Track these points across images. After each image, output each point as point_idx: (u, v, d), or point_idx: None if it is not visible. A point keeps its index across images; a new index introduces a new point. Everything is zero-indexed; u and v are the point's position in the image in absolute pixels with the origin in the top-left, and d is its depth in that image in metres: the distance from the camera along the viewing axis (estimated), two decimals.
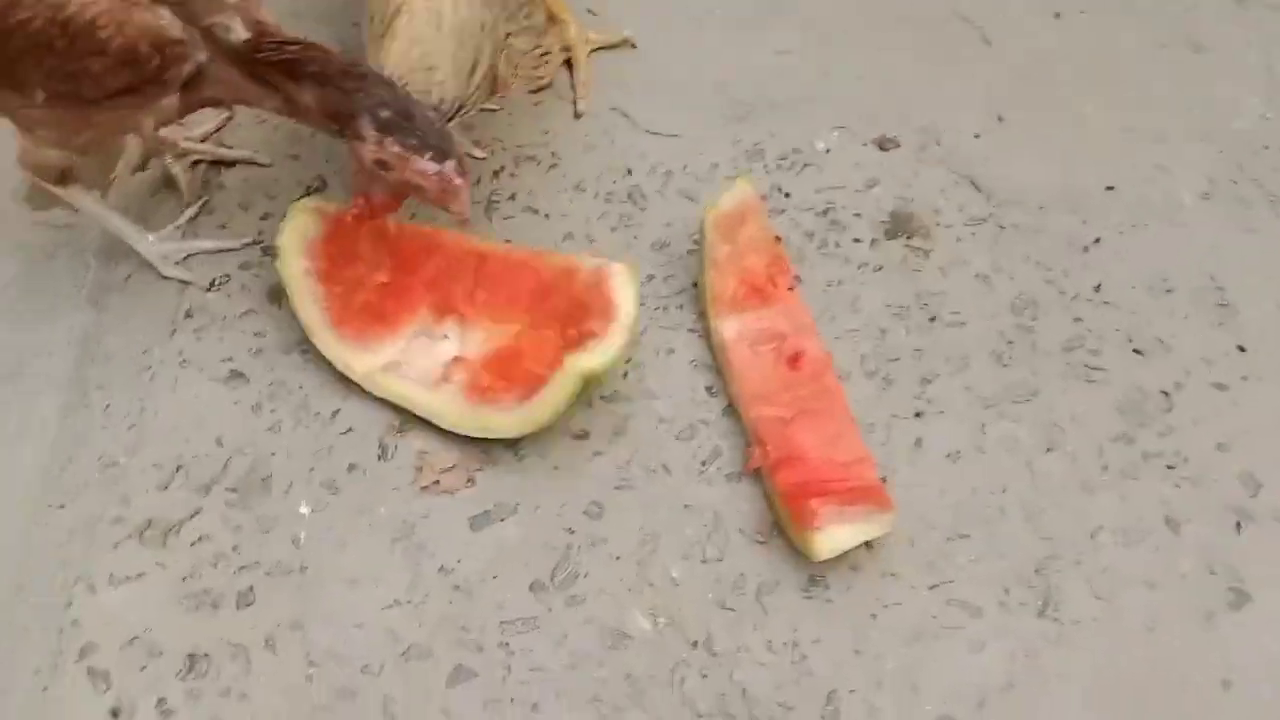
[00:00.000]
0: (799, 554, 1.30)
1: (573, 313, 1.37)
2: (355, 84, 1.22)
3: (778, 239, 1.48)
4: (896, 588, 1.30)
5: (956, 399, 1.44)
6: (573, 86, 1.71)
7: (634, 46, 1.77)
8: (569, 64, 1.75)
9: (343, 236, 1.41)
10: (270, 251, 1.39)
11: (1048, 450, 1.39)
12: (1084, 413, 1.42)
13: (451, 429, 1.37)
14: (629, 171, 1.65)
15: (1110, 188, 1.65)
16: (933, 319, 1.51)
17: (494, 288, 1.41)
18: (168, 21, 1.18)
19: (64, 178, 1.42)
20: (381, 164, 1.24)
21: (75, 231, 1.62)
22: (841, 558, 1.28)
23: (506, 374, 1.37)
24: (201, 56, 1.22)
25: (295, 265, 1.39)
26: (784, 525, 1.31)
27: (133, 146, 1.65)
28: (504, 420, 1.34)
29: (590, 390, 1.34)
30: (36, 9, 1.14)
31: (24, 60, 1.17)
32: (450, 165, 1.22)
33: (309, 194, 1.40)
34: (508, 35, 1.33)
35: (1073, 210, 1.63)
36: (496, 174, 1.65)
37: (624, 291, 1.35)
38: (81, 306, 1.54)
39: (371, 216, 1.34)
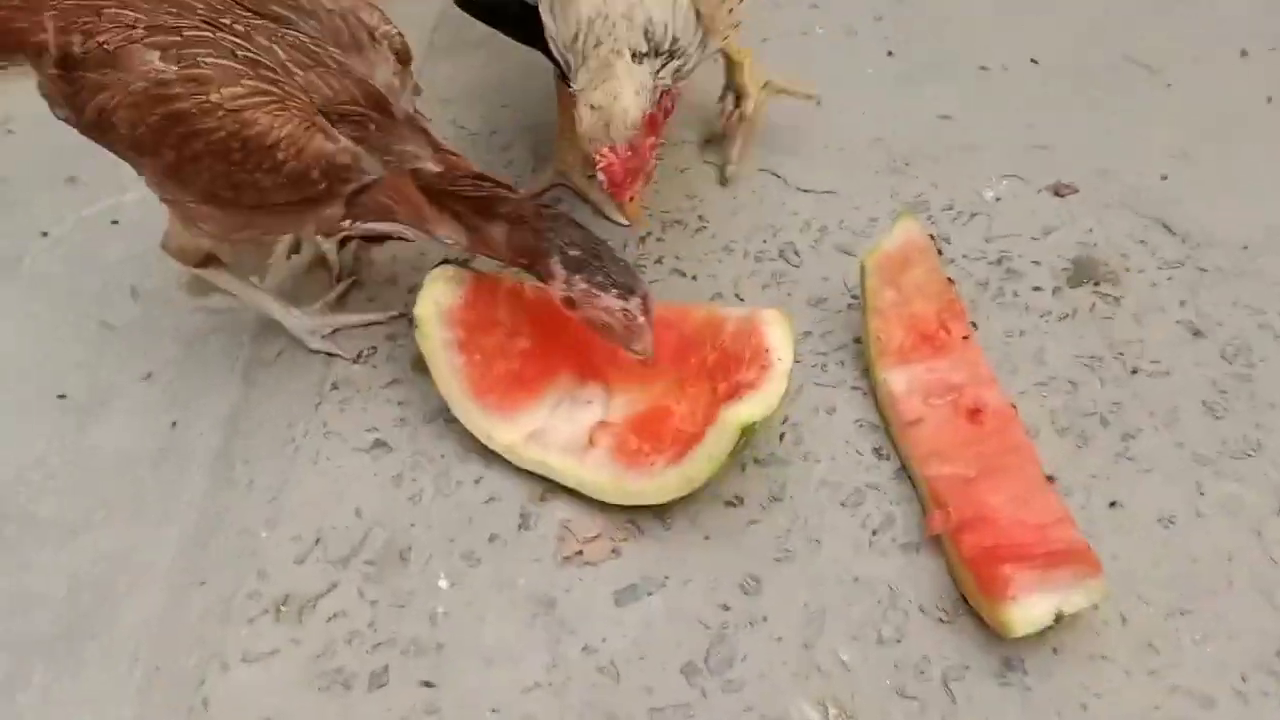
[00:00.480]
0: (991, 633, 1.13)
1: (723, 365, 1.28)
2: (548, 224, 1.22)
3: (950, 281, 1.35)
4: (1109, 673, 1.11)
5: (1166, 456, 1.26)
6: (729, 147, 1.60)
7: (818, 103, 1.64)
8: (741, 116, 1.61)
9: (482, 303, 1.36)
10: (411, 321, 1.36)
11: (1278, 511, 1.19)
12: None
13: (600, 498, 1.28)
14: (780, 230, 1.56)
15: None
16: (1132, 370, 1.35)
17: None
18: (341, 148, 1.18)
19: (206, 261, 1.43)
20: (569, 302, 1.23)
21: (232, 315, 1.63)
22: (1041, 638, 1.11)
23: (656, 436, 1.28)
24: (370, 176, 1.21)
25: (434, 335, 1.34)
26: (972, 599, 1.15)
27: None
28: (655, 485, 1.24)
29: (748, 445, 1.23)
30: (224, 122, 1.16)
31: (198, 163, 1.19)
32: (635, 303, 1.20)
33: (445, 263, 1.36)
34: None
35: None
36: (643, 240, 1.58)
37: (777, 337, 1.24)
38: (234, 385, 1.53)
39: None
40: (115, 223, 1.77)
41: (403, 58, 1.28)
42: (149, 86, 1.15)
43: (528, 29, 1.34)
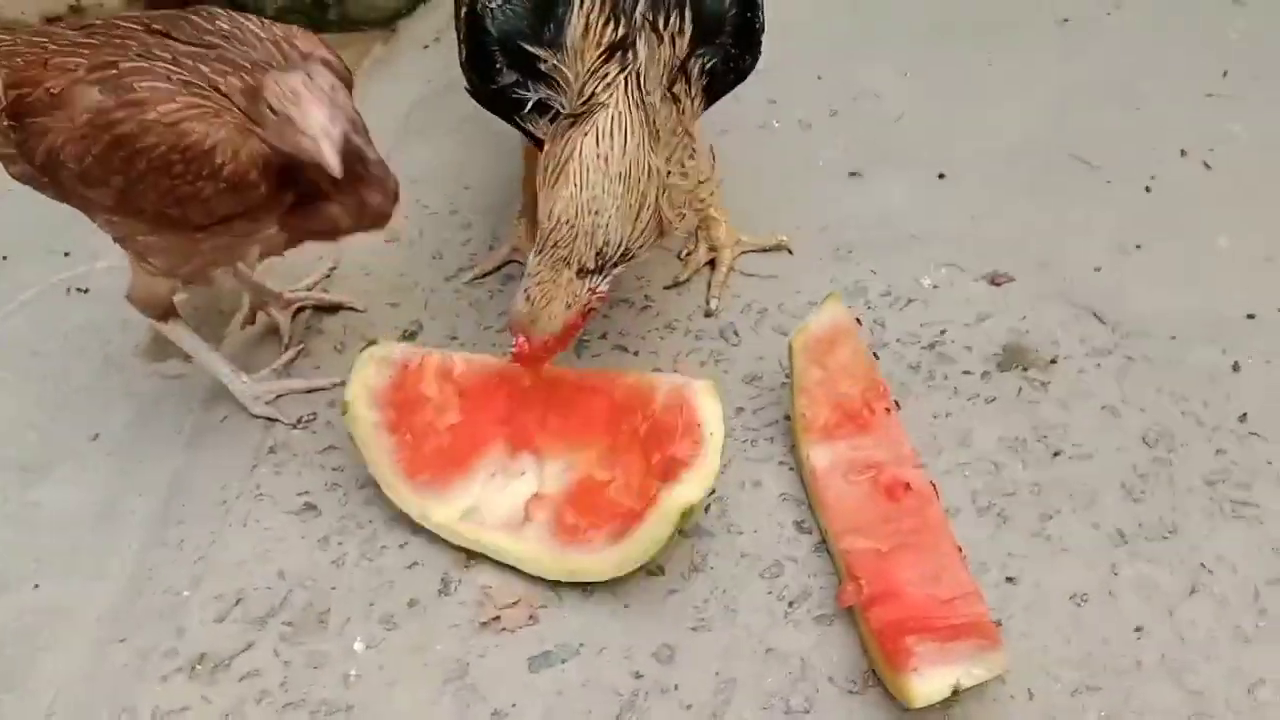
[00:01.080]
0: (897, 705, 1.13)
1: (655, 436, 1.30)
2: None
3: (875, 356, 1.37)
4: None
5: (1082, 537, 1.27)
6: (709, 284, 1.63)
7: (790, 252, 1.67)
8: (711, 264, 1.65)
9: (410, 381, 1.38)
10: (341, 407, 1.36)
11: (1191, 593, 1.20)
12: (1234, 553, 1.23)
13: (537, 574, 1.28)
14: (722, 310, 1.59)
15: (1251, 315, 1.50)
16: (1055, 453, 1.36)
17: (566, 413, 1.35)
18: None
19: (167, 314, 1.46)
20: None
21: (184, 381, 1.66)
22: (946, 712, 1.11)
23: (592, 508, 1.29)
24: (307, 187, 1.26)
25: (364, 418, 1.35)
26: (879, 671, 1.15)
27: (244, 301, 1.71)
28: (595, 563, 1.25)
29: (685, 523, 1.25)
30: (164, 136, 1.21)
31: (144, 182, 1.24)
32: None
33: (373, 344, 1.38)
34: (669, 174, 1.32)
35: (1210, 339, 1.47)
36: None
37: (709, 410, 1.27)
38: (179, 449, 1.56)
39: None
40: (84, 290, 1.82)
41: (341, 79, 1.31)
42: (92, 117, 1.21)
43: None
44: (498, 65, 1.35)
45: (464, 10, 1.40)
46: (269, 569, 1.33)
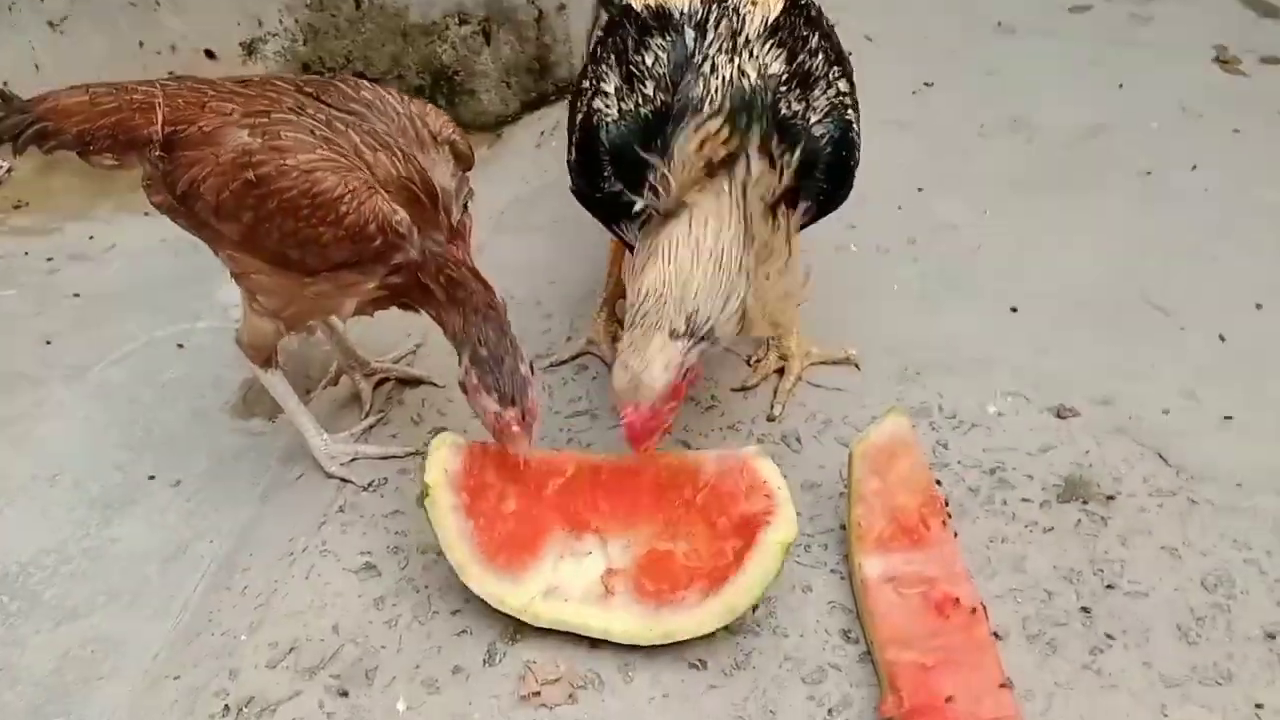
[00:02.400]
0: None
1: (716, 503, 1.34)
2: (479, 317, 1.36)
3: (937, 483, 1.39)
4: None
5: (1133, 674, 1.25)
6: (775, 391, 1.67)
7: (857, 367, 1.71)
8: (780, 372, 1.69)
9: (476, 468, 1.40)
10: (422, 489, 1.36)
11: None
12: None
13: (632, 641, 1.29)
14: (787, 417, 1.62)
15: None
16: (1109, 586, 1.35)
17: (614, 495, 1.39)
18: (400, 215, 1.32)
19: (268, 361, 1.54)
20: (461, 386, 1.38)
21: (266, 438, 1.74)
22: None
23: (669, 575, 1.32)
24: (414, 253, 1.35)
25: (443, 501, 1.35)
26: None
27: (332, 367, 1.80)
28: (695, 617, 1.28)
29: (782, 567, 1.29)
30: (297, 182, 1.31)
31: (271, 220, 1.34)
32: (511, 412, 1.33)
33: (444, 430, 1.42)
34: (764, 277, 1.40)
35: (1277, 490, 1.46)
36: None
37: (769, 471, 1.34)
38: (253, 501, 1.62)
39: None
40: (181, 346, 1.92)
41: (463, 161, 1.43)
42: (236, 156, 1.32)
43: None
44: (605, 173, 1.43)
45: (579, 117, 1.49)
46: (324, 622, 1.37)
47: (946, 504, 1.39)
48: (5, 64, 2.35)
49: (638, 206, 1.40)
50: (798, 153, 1.38)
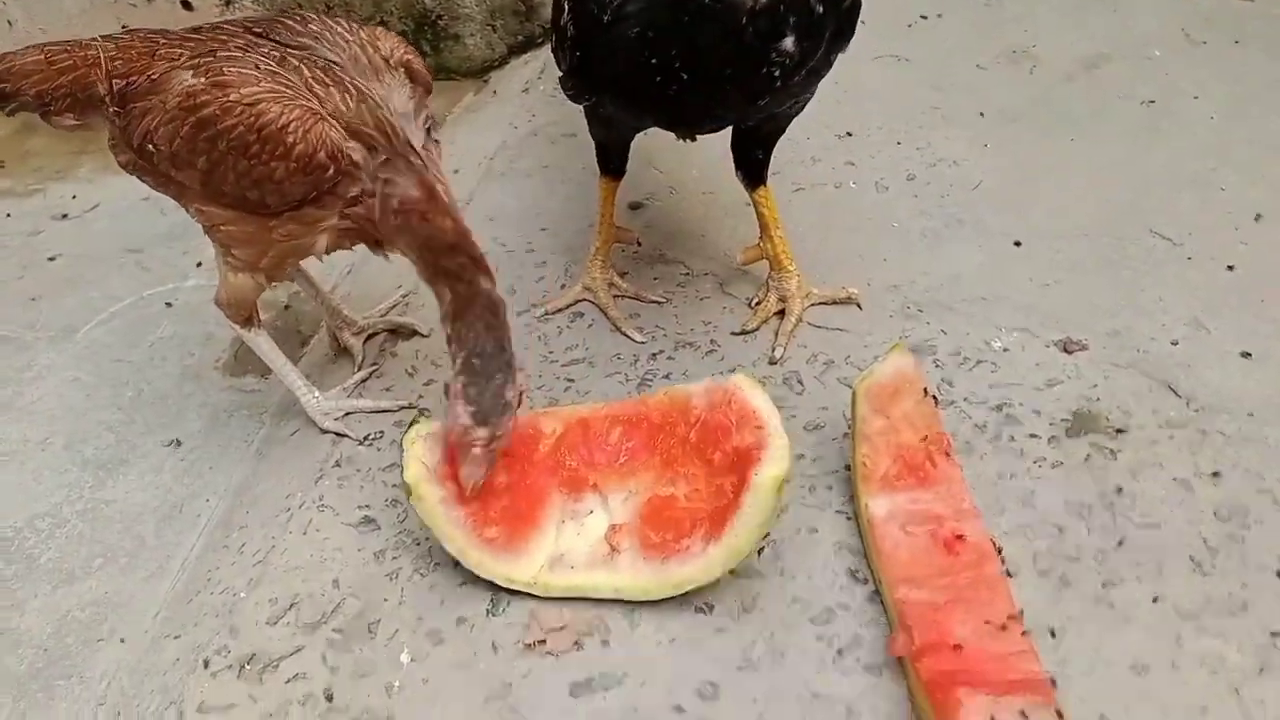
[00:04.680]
0: None
1: (708, 437, 1.30)
2: (479, 324, 1.30)
3: (934, 399, 1.36)
4: None
5: (1146, 607, 1.23)
6: (776, 333, 1.64)
7: (859, 307, 1.67)
8: (780, 314, 1.66)
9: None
10: (404, 490, 1.31)
11: (1260, 672, 1.15)
12: None
13: (644, 598, 1.27)
14: (788, 359, 1.60)
15: None
16: (1121, 521, 1.33)
17: (608, 445, 1.36)
18: (350, 143, 1.28)
19: (250, 320, 1.51)
20: (446, 389, 1.32)
21: (259, 395, 1.71)
22: None
23: (672, 522, 1.29)
24: (368, 186, 1.30)
25: (430, 496, 1.31)
26: None
27: (322, 328, 1.76)
28: (702, 566, 1.24)
29: (780, 505, 1.25)
30: (241, 118, 1.27)
31: (224, 163, 1.29)
32: (480, 432, 1.27)
33: (415, 423, 1.34)
34: None
35: None
36: (654, 356, 1.63)
37: (758, 399, 1.29)
38: (248, 459, 1.60)
39: None
40: (169, 305, 1.89)
41: (419, 80, 1.37)
42: (181, 99, 1.28)
43: None
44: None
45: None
46: (324, 577, 1.35)
47: (950, 439, 1.35)
48: None
49: None
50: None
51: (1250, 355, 1.55)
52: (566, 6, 1.45)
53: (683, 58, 1.32)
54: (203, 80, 1.28)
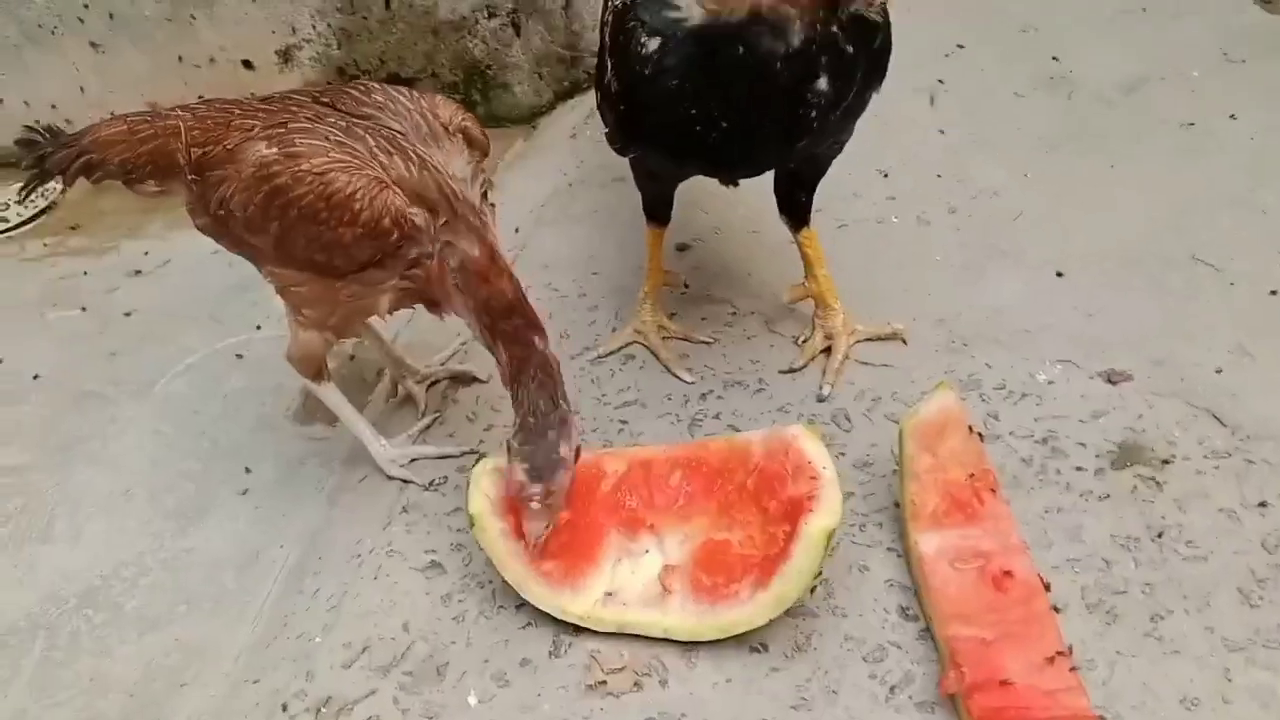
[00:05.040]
0: None
1: (765, 485, 1.35)
2: (534, 385, 1.36)
3: (980, 435, 1.40)
4: None
5: (1195, 639, 1.25)
6: (823, 370, 1.68)
7: (904, 342, 1.71)
8: (827, 351, 1.70)
9: None
10: (467, 522, 1.40)
11: None
12: None
13: (693, 639, 1.32)
14: (836, 397, 1.64)
15: None
16: (1168, 553, 1.35)
17: (668, 488, 1.41)
18: (413, 208, 1.35)
19: (319, 374, 1.59)
20: (507, 447, 1.36)
21: (328, 443, 1.78)
22: None
23: (724, 567, 1.34)
24: (429, 249, 1.37)
25: (491, 529, 1.39)
26: None
27: (386, 377, 1.84)
28: (749, 611, 1.29)
29: (830, 555, 1.29)
30: (312, 187, 1.35)
31: (295, 229, 1.38)
32: (534, 489, 1.32)
33: (484, 457, 1.44)
34: None
35: None
36: (704, 396, 1.68)
37: (814, 450, 1.34)
38: (320, 505, 1.67)
39: None
40: (240, 356, 1.97)
41: (477, 147, 1.45)
42: (256, 169, 1.36)
43: None
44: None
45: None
46: (395, 621, 1.42)
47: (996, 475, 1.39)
48: (53, 88, 2.42)
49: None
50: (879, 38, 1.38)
51: None
52: (610, 65, 1.51)
53: (721, 104, 1.38)
54: (276, 151, 1.36)
